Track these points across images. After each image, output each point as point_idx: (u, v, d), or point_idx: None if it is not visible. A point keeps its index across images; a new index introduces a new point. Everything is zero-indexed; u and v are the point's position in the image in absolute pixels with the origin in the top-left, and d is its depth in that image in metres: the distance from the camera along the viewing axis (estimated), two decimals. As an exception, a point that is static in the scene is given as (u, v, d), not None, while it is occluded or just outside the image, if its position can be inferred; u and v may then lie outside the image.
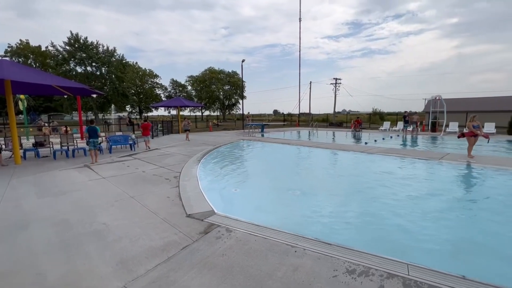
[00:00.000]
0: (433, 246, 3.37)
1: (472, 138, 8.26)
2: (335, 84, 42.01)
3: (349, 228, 3.93)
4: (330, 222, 4.13)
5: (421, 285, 2.28)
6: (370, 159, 9.16)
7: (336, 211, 4.61)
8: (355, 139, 17.28)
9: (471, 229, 3.91)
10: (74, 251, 2.95)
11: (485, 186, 6.05)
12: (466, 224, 4.10)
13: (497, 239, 3.55)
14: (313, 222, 4.14)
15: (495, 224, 4.03)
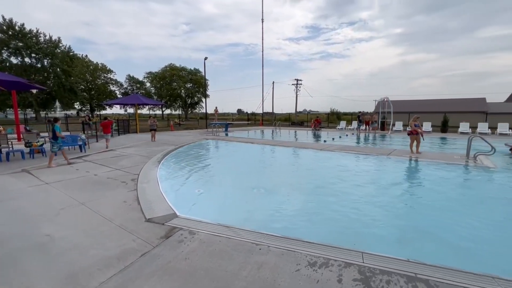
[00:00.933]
0: (384, 233, 3.71)
1: (414, 136, 9.33)
2: (296, 84, 43.62)
3: (311, 222, 4.11)
4: (293, 217, 4.27)
5: (374, 270, 2.49)
6: (328, 156, 9.72)
7: (299, 206, 4.78)
8: (315, 137, 18.18)
9: (413, 216, 4.38)
10: (10, 269, 2.56)
11: (424, 178, 6.86)
12: (409, 212, 4.58)
13: (434, 224, 4.05)
14: (277, 218, 4.23)
15: (433, 210, 4.59)
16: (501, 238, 3.61)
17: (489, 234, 3.70)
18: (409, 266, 2.56)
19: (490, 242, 3.48)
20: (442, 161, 8.10)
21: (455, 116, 23.25)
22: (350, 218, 4.20)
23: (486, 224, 4.00)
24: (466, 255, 3.18)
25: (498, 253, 3.23)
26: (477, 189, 5.99)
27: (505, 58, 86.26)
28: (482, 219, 4.19)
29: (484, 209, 4.70)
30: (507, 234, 3.73)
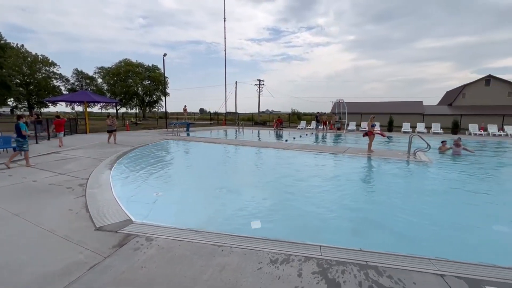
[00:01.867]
0: (340, 226, 3.96)
1: (372, 136, 10.16)
2: (259, 85, 44.24)
3: (274, 220, 4.19)
4: (257, 216, 4.30)
5: (330, 262, 2.64)
6: (290, 155, 10.05)
7: (262, 205, 4.84)
8: (277, 137, 18.67)
9: (365, 208, 4.76)
10: None
11: (373, 172, 7.52)
12: (361, 204, 4.96)
13: (383, 214, 4.45)
14: (241, 218, 4.22)
15: (381, 202, 5.05)
16: (435, 224, 4.12)
17: (426, 221, 4.21)
18: (361, 255, 2.77)
19: (426, 228, 3.96)
20: (388, 158, 8.99)
21: (399, 117, 25.99)
22: (310, 213, 4.39)
23: (424, 212, 4.54)
24: (407, 241, 3.56)
25: (433, 237, 3.68)
26: (416, 181, 6.77)
27: (437, 67, 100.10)
28: (421, 208, 4.75)
29: (422, 198, 5.34)
30: (440, 220, 4.28)
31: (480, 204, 5.08)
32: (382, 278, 2.39)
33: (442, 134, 19.85)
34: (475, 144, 14.03)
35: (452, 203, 5.17)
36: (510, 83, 35.68)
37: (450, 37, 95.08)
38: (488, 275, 2.43)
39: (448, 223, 4.15)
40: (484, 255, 3.13)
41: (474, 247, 3.43)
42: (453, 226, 4.05)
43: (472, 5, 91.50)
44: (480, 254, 3.15)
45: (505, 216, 4.50)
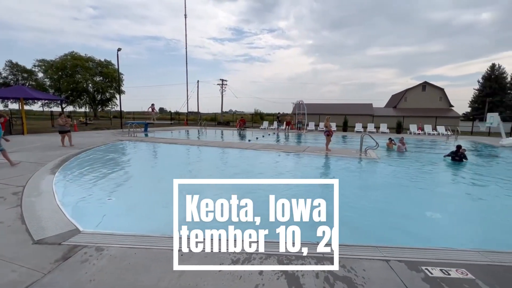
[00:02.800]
0: (302, 220, 4.12)
1: (330, 135, 10.80)
2: (222, 85, 43.85)
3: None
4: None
5: (290, 257, 2.75)
6: (253, 154, 10.17)
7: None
8: (241, 137, 18.74)
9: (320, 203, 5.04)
10: None
11: (330, 169, 8.02)
12: (317, 199, 5.24)
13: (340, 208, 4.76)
14: (203, 220, 4.12)
15: (342, 197, 5.40)
16: (382, 214, 4.56)
17: (374, 211, 4.63)
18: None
19: (374, 218, 4.36)
20: (343, 156, 9.67)
21: (352, 118, 28.16)
22: (271, 211, 4.49)
23: (372, 204, 4.99)
24: (359, 231, 3.88)
25: (380, 226, 4.07)
26: (366, 176, 7.41)
27: (384, 73, 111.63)
28: (370, 200, 5.21)
29: (370, 191, 5.86)
30: (386, 210, 4.75)
31: (417, 195, 5.77)
32: (337, 267, 2.56)
33: (388, 133, 22.05)
34: (414, 142, 15.89)
35: (395, 194, 5.78)
36: (442, 89, 41.20)
37: (394, 47, 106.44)
38: (424, 256, 2.77)
39: (392, 213, 4.63)
40: (421, 239, 3.56)
41: (413, 233, 3.87)
42: (396, 215, 4.53)
43: (411, 19, 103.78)
44: (418, 238, 3.57)
45: (437, 204, 5.19)
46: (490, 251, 2.91)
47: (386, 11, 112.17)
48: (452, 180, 7.54)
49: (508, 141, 14.64)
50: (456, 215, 4.75)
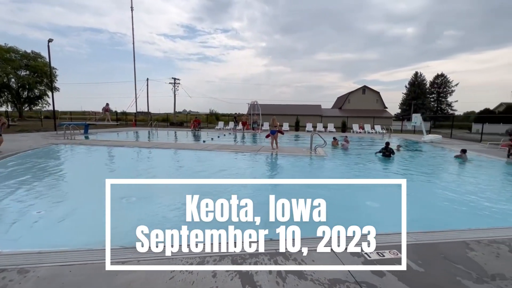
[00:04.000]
0: (255, 220, 4.18)
1: (277, 134, 11.19)
2: (174, 83, 41.88)
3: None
4: (169, 223, 4.05)
5: (244, 256, 2.75)
6: (208, 155, 9.95)
7: (176, 209, 4.58)
8: (195, 137, 18.19)
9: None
10: None
11: (283, 168, 8.34)
12: (269, 196, 5.41)
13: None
14: (152, 227, 3.87)
15: (290, 193, 5.64)
16: (330, 207, 4.91)
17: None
18: (270, 245, 3.01)
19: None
20: (295, 154, 10.16)
21: (303, 118, 29.82)
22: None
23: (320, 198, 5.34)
24: (307, 224, 4.11)
25: (328, 218, 4.37)
26: (315, 172, 7.92)
27: (330, 77, 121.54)
28: (318, 194, 5.56)
29: (318, 186, 6.28)
30: (332, 203, 5.13)
31: (358, 187, 6.39)
32: (288, 261, 2.67)
33: (335, 132, 23.98)
34: (357, 140, 17.60)
35: (340, 188, 6.29)
36: (378, 92, 46.45)
37: (339, 53, 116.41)
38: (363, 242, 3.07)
39: (338, 205, 5.04)
40: (359, 226, 3.93)
41: (356, 222, 4.26)
42: (342, 207, 4.94)
43: (352, 29, 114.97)
44: (360, 226, 3.94)
45: (374, 194, 5.83)
46: (416, 232, 3.39)
47: (331, 20, 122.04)
48: (384, 172, 8.56)
49: (428, 137, 17.31)
50: (390, 202, 5.41)
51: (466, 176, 7.73)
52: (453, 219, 4.48)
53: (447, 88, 51.74)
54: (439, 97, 52.43)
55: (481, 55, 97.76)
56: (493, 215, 4.58)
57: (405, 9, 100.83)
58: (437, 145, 14.93)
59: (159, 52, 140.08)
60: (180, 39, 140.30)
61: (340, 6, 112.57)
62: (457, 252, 2.91)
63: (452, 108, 51.78)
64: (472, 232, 3.44)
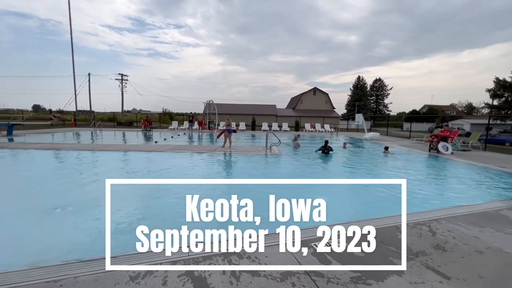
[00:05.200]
0: (205, 221, 4.11)
1: (226, 133, 11.18)
2: (122, 80, 38.46)
3: (134, 232, 3.76)
4: (112, 232, 3.71)
5: (197, 259, 2.68)
6: (160, 157, 9.42)
7: (120, 217, 4.23)
8: (146, 138, 17.05)
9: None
10: None
11: (239, 167, 8.38)
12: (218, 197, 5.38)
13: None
14: (91, 239, 3.50)
15: (242, 192, 5.69)
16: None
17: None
18: (225, 245, 2.99)
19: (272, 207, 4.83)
20: (252, 153, 10.31)
21: (260, 118, 30.42)
22: (179, 215, 4.29)
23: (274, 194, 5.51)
24: (259, 221, 4.20)
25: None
26: (271, 169, 8.16)
27: (284, 78, 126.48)
28: (269, 191, 5.73)
29: (270, 184, 6.48)
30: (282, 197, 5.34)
31: (302, 183, 6.78)
32: (242, 260, 2.69)
33: (289, 131, 25.05)
34: (308, 138, 18.67)
35: (290, 183, 6.60)
36: (327, 94, 49.91)
37: (292, 56, 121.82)
38: (313, 234, 3.28)
39: (287, 199, 5.27)
40: (311, 220, 4.17)
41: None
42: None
43: (304, 33, 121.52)
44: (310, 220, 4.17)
45: (321, 189, 6.26)
46: (356, 221, 3.74)
47: (284, 24, 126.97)
48: (324, 167, 9.28)
49: (368, 135, 19.33)
50: (337, 196, 5.87)
51: (396, 168, 8.85)
52: (387, 206, 5.08)
53: (384, 91, 58.50)
54: (378, 99, 58.97)
55: (409, 64, 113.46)
56: (417, 200, 5.34)
57: (348, 18, 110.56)
58: (375, 142, 16.75)
59: (103, 45, 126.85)
60: (128, 32, 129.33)
61: (291, 11, 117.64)
62: (390, 235, 3.31)
63: (388, 109, 58.74)
64: (402, 217, 3.96)
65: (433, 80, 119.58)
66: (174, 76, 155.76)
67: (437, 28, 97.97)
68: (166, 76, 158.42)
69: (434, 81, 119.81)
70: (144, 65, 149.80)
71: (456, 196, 5.75)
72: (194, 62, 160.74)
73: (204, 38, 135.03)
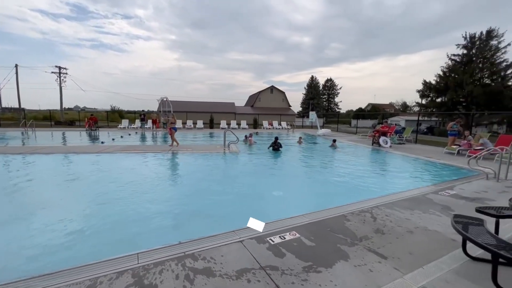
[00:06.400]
0: (161, 225, 3.91)
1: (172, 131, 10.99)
2: (59, 73, 33.92)
3: (79, 242, 3.38)
4: (53, 244, 3.28)
5: (148, 267, 2.51)
6: (107, 159, 8.61)
7: (62, 227, 3.75)
8: (92, 139, 15.43)
9: (185, 201, 5.03)
10: None
11: (195, 166, 8.13)
12: (181, 198, 5.20)
13: (200, 202, 4.91)
14: (37, 252, 3.04)
15: (201, 191, 5.56)
16: (240, 199, 5.13)
17: (234, 198, 5.14)
18: (180, 248, 2.87)
19: (233, 204, 4.84)
20: (210, 151, 10.10)
21: (218, 115, 29.98)
22: (128, 221, 3.99)
23: (231, 191, 5.51)
24: (221, 220, 4.17)
25: (238, 211, 4.56)
26: (229, 167, 8.12)
27: (243, 76, 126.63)
28: (230, 189, 5.72)
29: (232, 180, 6.48)
30: (242, 195, 5.38)
31: (264, 179, 6.95)
32: (197, 262, 2.61)
33: (247, 129, 25.24)
34: (266, 135, 19.08)
35: (249, 181, 6.68)
36: (283, 92, 51.54)
37: (250, 54, 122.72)
38: (269, 229, 3.35)
39: (248, 197, 5.33)
40: (267, 215, 4.28)
41: (261, 211, 4.61)
42: (251, 198, 5.25)
43: (261, 32, 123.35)
44: (266, 215, 4.27)
45: (275, 183, 6.47)
46: (310, 213, 3.95)
47: (241, 22, 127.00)
48: (275, 163, 9.66)
49: (321, 131, 20.61)
50: (291, 190, 6.13)
51: (344, 161, 9.62)
52: (336, 196, 5.49)
53: (334, 90, 62.81)
54: (329, 97, 63.07)
55: (356, 66, 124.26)
56: (362, 190, 5.89)
57: (301, 20, 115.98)
58: (327, 137, 17.94)
59: (35, 32, 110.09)
60: (66, 20, 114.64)
61: (247, 9, 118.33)
62: (338, 224, 3.57)
63: (338, 107, 63.25)
64: (349, 206, 4.31)
65: (376, 81, 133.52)
66: (123, 71, 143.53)
67: (377, 34, 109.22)
68: (114, 70, 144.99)
69: (376, 82, 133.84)
70: (87, 58, 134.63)
71: (394, 184, 6.49)
72: (146, 56, 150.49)
73: (156, 31, 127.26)
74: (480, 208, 3.01)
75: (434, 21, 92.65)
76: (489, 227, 2.70)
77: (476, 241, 2.23)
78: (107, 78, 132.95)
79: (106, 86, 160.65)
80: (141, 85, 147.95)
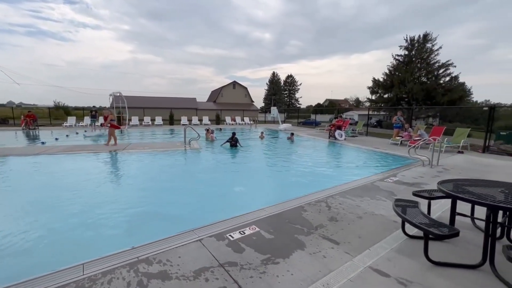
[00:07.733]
0: (111, 231, 3.62)
1: (113, 129, 10.26)
2: (-17, 63, 28.89)
3: (16, 256, 2.95)
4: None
5: (95, 277, 2.30)
6: (48, 161, 7.66)
7: (5, 239, 3.23)
8: (30, 139, 13.59)
9: (140, 203, 4.74)
10: None
11: (153, 165, 7.72)
12: (134, 200, 4.89)
13: (158, 203, 4.68)
14: None
15: (156, 191, 5.28)
16: (201, 198, 5.01)
17: (194, 197, 5.00)
18: (132, 253, 2.69)
19: (193, 204, 4.71)
20: (170, 149, 9.65)
21: (178, 111, 28.78)
22: (70, 230, 3.61)
23: (192, 190, 5.36)
24: (178, 220, 4.02)
25: (196, 210, 4.45)
26: (189, 165, 7.87)
27: (204, 71, 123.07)
28: (190, 187, 5.55)
29: (192, 178, 6.29)
30: (202, 193, 5.26)
31: (230, 173, 6.91)
32: (151, 266, 2.47)
33: (210, 125, 24.75)
34: (228, 131, 18.92)
35: (211, 177, 6.58)
36: (246, 88, 51.61)
37: (211, 48, 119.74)
38: (228, 225, 3.33)
39: (206, 194, 5.23)
40: (229, 211, 4.24)
41: (222, 208, 4.56)
42: (213, 195, 5.16)
43: (222, 27, 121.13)
44: (225, 211, 4.21)
45: (236, 180, 6.49)
46: (269, 206, 4.03)
47: (201, 14, 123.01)
48: (237, 159, 9.75)
49: (282, 126, 21.20)
50: (251, 185, 6.19)
51: (303, 154, 10.06)
52: (295, 188, 5.70)
53: (295, 86, 64.96)
54: (290, 93, 65.06)
55: (313, 63, 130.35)
56: (319, 180, 6.22)
57: (262, 16, 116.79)
58: (288, 132, 18.53)
59: None
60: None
61: (208, 1, 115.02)
62: (296, 215, 3.71)
63: (298, 103, 65.66)
64: (306, 197, 4.51)
65: (332, 78, 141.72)
66: (68, 62, 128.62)
67: (333, 33, 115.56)
68: (57, 61, 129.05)
69: (333, 79, 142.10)
70: (21, 46, 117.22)
71: (347, 174, 6.98)
72: (96, 46, 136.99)
73: (107, 20, 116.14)
74: (416, 191, 3.39)
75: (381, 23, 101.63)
76: (423, 208, 3.07)
77: (411, 221, 2.51)
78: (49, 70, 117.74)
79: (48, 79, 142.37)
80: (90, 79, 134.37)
